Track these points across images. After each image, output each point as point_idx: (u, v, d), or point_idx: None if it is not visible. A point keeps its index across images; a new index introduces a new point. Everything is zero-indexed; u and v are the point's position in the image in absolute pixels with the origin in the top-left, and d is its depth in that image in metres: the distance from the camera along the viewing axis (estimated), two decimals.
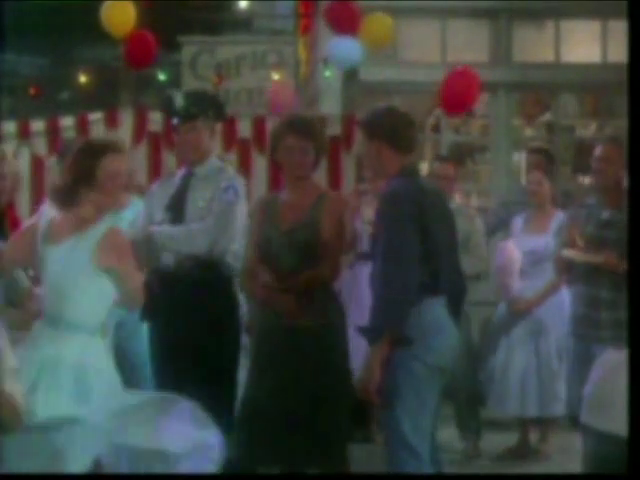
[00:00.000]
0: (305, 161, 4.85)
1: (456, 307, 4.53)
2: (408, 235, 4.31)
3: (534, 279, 6.51)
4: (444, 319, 4.46)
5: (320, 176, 6.31)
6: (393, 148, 4.51)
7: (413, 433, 4.35)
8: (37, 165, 7.67)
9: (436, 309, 4.42)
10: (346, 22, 7.68)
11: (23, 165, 7.62)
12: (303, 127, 4.87)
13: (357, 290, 6.16)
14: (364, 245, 6.25)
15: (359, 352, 5.71)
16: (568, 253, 5.45)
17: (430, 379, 4.43)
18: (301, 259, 4.73)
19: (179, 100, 5.31)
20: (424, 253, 4.34)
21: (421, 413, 4.41)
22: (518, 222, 6.75)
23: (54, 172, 7.58)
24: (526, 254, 6.52)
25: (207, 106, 5.35)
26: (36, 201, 7.63)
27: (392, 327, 4.26)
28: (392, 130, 4.53)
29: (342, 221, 4.85)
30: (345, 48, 7.79)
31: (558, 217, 6.52)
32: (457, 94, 7.26)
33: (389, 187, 4.46)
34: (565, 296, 6.41)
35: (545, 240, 6.47)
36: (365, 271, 6.51)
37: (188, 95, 5.44)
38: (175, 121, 5.33)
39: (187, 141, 5.30)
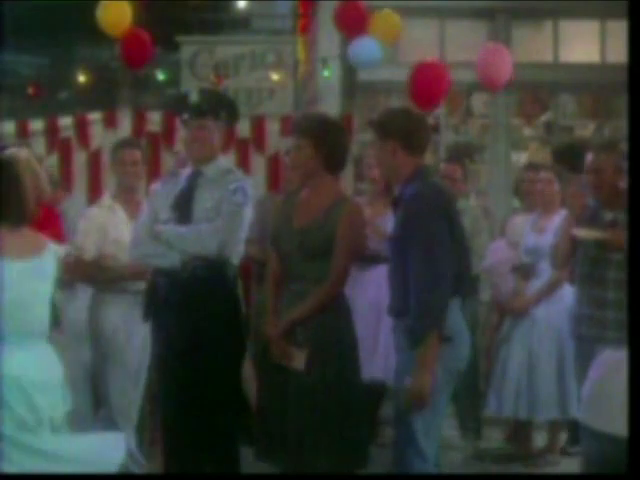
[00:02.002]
0: (301, 159, 4.78)
1: (463, 307, 4.56)
2: (442, 236, 4.35)
3: (534, 278, 6.53)
4: (462, 321, 4.48)
5: None
6: (408, 149, 4.51)
7: (425, 436, 4.37)
8: None
9: (456, 311, 4.44)
10: (355, 23, 7.70)
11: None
12: (300, 125, 4.84)
13: (358, 292, 6.16)
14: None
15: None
16: (577, 232, 5.43)
17: (447, 383, 4.45)
18: (309, 260, 4.69)
19: (193, 96, 5.32)
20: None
21: (435, 417, 4.43)
22: (529, 220, 6.75)
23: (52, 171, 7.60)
24: (529, 252, 6.54)
25: (220, 106, 5.35)
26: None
27: (438, 327, 4.29)
28: (407, 131, 4.54)
29: (357, 229, 4.79)
30: (366, 48, 7.80)
31: (561, 216, 6.53)
32: (425, 89, 7.20)
33: (414, 189, 4.45)
34: (565, 296, 6.43)
35: (546, 238, 6.49)
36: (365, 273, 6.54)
37: (202, 92, 5.44)
38: (186, 117, 5.32)
39: (196, 138, 5.29)
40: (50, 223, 5.65)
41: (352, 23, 7.70)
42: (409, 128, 4.54)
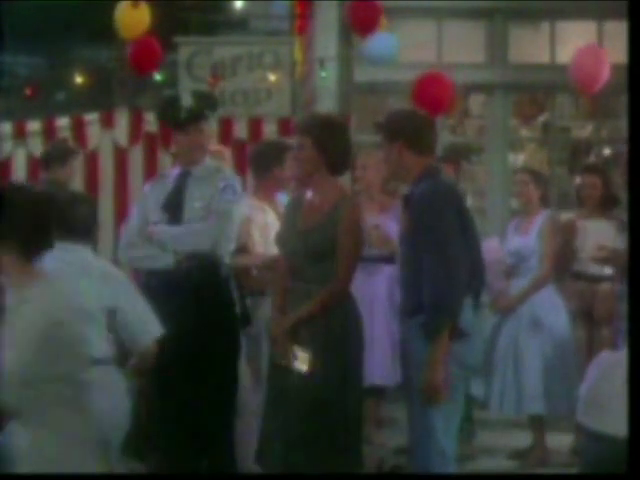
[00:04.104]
0: (302, 159, 4.77)
1: (476, 304, 4.58)
2: (455, 233, 4.39)
3: (519, 278, 6.59)
4: (474, 318, 4.51)
5: None
6: (415, 150, 4.56)
7: (445, 434, 4.39)
8: (33, 165, 7.67)
9: (469, 308, 4.46)
10: (369, 21, 7.71)
11: (19, 165, 7.62)
12: (302, 125, 4.84)
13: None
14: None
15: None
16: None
17: (464, 380, 4.51)
18: (314, 261, 4.69)
19: (188, 100, 5.30)
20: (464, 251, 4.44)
21: (454, 414, 4.47)
22: (513, 223, 6.87)
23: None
24: (512, 254, 6.61)
25: (209, 107, 5.36)
26: None
27: (452, 324, 4.31)
28: (414, 132, 4.58)
29: (359, 228, 4.78)
30: (383, 44, 7.82)
31: (542, 216, 6.61)
32: (430, 96, 7.19)
33: (424, 188, 4.48)
34: (548, 294, 6.48)
35: (528, 240, 6.56)
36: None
37: (197, 96, 5.43)
38: (180, 122, 5.28)
39: (196, 142, 5.30)
40: None
41: (366, 22, 7.71)
42: (415, 129, 4.59)
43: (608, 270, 6.55)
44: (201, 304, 5.15)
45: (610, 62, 6.94)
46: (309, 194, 4.84)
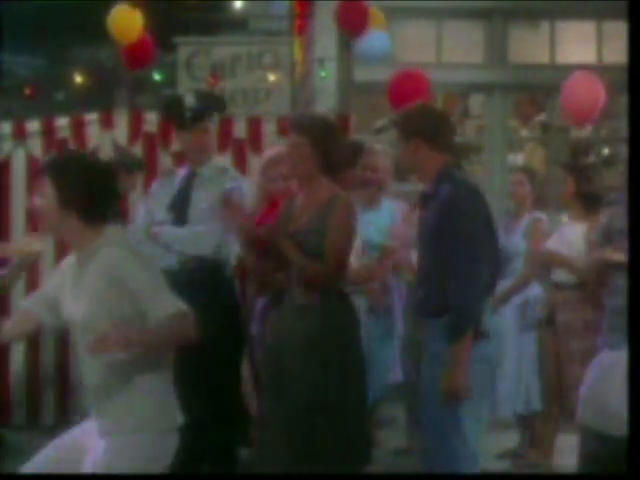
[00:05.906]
0: (299, 157, 4.75)
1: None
2: (481, 236, 4.37)
3: (504, 279, 6.56)
4: (492, 319, 4.51)
5: None
6: (431, 146, 4.49)
7: (473, 433, 4.37)
8: (33, 165, 7.66)
9: (487, 310, 4.46)
10: (357, 21, 7.71)
11: (19, 165, 7.62)
12: (298, 123, 4.82)
13: None
14: None
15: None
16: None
17: (492, 380, 4.51)
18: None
19: (191, 100, 5.30)
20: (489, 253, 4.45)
21: (482, 414, 4.44)
22: (504, 223, 6.84)
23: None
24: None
25: (214, 107, 5.38)
26: (31, 202, 7.62)
27: (476, 325, 4.30)
28: (431, 129, 4.51)
29: (352, 220, 4.77)
30: (377, 43, 7.82)
31: (530, 216, 6.60)
32: (405, 95, 7.16)
33: (451, 190, 4.43)
34: (528, 295, 6.47)
35: (513, 239, 6.55)
36: None
37: (200, 95, 5.43)
38: (186, 123, 5.27)
39: (200, 142, 5.30)
40: None
41: (356, 21, 7.72)
42: (432, 125, 4.52)
43: (569, 277, 6.37)
44: (204, 305, 5.15)
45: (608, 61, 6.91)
46: (301, 196, 4.85)
